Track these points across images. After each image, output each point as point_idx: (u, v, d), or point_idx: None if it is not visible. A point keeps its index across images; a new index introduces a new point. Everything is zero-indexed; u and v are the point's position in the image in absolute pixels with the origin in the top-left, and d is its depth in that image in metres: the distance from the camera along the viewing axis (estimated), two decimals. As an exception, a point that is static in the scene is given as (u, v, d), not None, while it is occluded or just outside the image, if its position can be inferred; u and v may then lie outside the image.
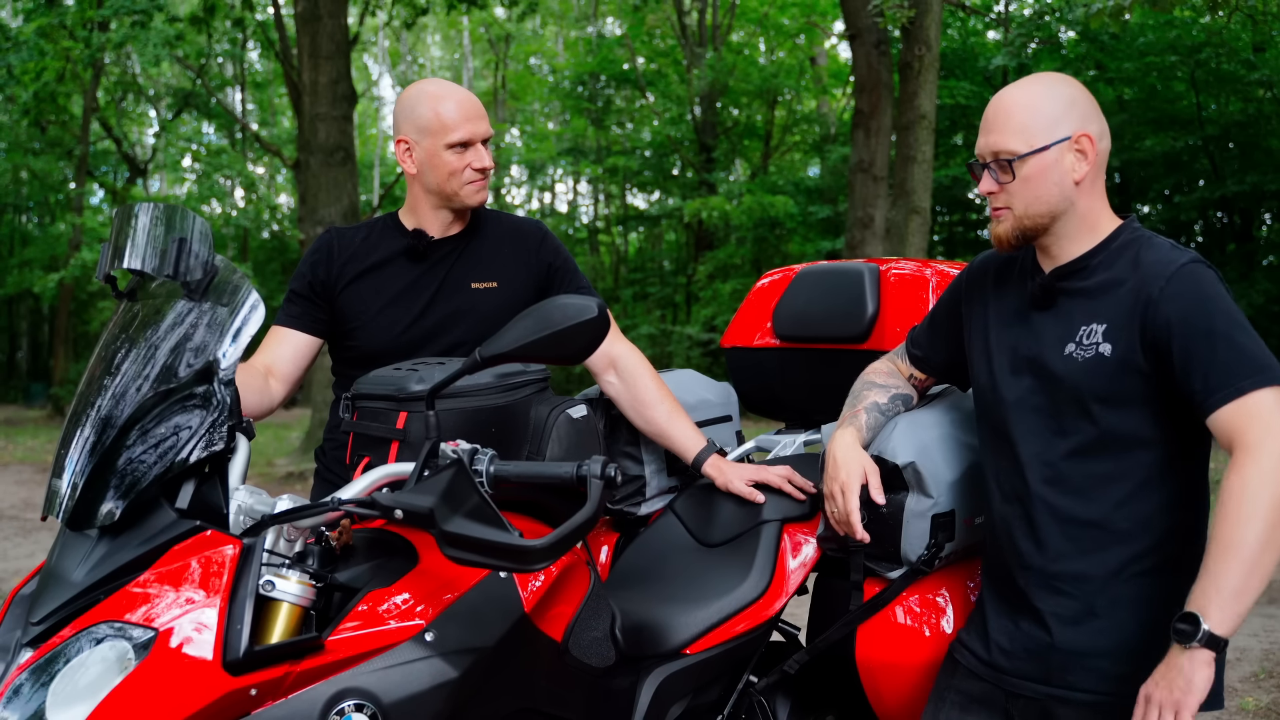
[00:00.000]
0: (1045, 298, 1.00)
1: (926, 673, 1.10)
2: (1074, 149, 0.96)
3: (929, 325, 1.15)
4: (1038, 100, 0.96)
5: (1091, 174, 0.97)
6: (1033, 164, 0.96)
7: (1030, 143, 0.95)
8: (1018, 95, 0.98)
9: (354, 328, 1.25)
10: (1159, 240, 0.97)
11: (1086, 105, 0.97)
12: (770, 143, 13.65)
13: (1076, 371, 0.96)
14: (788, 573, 1.18)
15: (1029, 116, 0.96)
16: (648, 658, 1.09)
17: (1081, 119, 0.96)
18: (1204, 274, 0.93)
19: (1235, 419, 0.87)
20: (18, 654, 0.77)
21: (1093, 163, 0.96)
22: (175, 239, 0.91)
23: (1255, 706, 2.26)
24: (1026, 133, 0.96)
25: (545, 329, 0.87)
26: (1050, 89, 0.97)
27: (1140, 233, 0.99)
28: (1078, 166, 0.96)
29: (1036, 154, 0.95)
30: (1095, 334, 0.95)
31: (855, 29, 5.96)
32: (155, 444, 0.81)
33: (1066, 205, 0.97)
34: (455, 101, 1.22)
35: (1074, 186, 0.96)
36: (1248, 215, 11.11)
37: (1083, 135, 0.95)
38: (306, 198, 6.45)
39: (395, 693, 0.80)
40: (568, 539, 0.78)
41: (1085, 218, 0.98)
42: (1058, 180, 0.96)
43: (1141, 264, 0.95)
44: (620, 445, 1.33)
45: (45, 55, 7.65)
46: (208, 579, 0.77)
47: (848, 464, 1.07)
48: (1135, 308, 0.93)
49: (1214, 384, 0.88)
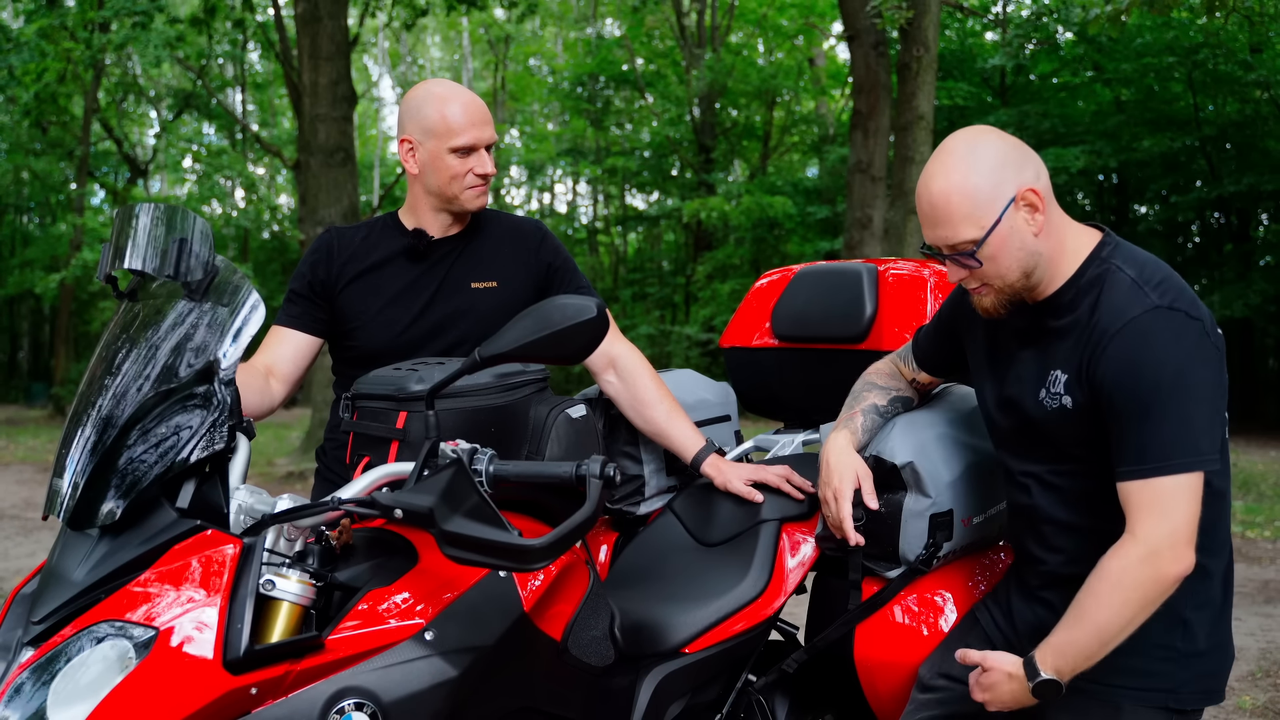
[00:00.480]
0: (1027, 334, 0.99)
1: (925, 672, 1.10)
2: (1024, 206, 0.93)
3: (934, 329, 1.14)
4: (969, 179, 0.93)
5: (1047, 218, 0.94)
6: (992, 243, 0.93)
7: (982, 225, 0.93)
8: (948, 183, 0.94)
9: (354, 327, 1.26)
10: (1121, 278, 0.94)
11: (1011, 155, 0.94)
12: (769, 143, 13.67)
13: (1047, 419, 0.96)
14: (786, 572, 1.18)
15: (969, 202, 0.93)
16: (647, 657, 1.09)
17: (1016, 174, 0.93)
18: (1154, 329, 0.90)
19: (1133, 498, 0.90)
20: (19, 653, 0.78)
21: (1044, 209, 0.94)
22: (176, 239, 0.91)
23: (1252, 705, 2.27)
24: (974, 218, 0.93)
25: (545, 329, 0.88)
26: (974, 161, 0.93)
27: (1108, 264, 0.95)
28: (1033, 220, 0.94)
29: (992, 232, 0.93)
30: (1059, 383, 0.95)
31: (853, 30, 5.97)
32: (156, 444, 0.82)
33: (1036, 259, 0.95)
34: (461, 105, 1.22)
35: (1035, 240, 0.94)
36: (1245, 215, 11.14)
37: (1025, 190, 0.93)
38: (307, 198, 6.46)
39: (395, 691, 0.81)
40: (567, 538, 0.79)
41: (1053, 258, 0.96)
42: (1020, 244, 0.94)
43: (1098, 308, 0.93)
44: (619, 445, 1.33)
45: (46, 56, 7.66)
46: (208, 578, 0.77)
47: (840, 469, 1.07)
48: (1083, 362, 0.92)
49: (1125, 456, 0.90)
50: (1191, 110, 10.06)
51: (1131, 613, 0.89)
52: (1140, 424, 0.89)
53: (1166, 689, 0.95)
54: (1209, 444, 0.89)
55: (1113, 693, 0.95)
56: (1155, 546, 0.88)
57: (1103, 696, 0.95)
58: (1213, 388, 0.90)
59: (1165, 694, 0.95)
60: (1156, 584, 0.88)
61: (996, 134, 0.96)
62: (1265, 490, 5.59)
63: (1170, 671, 0.95)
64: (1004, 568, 1.20)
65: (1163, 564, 0.88)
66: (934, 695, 1.06)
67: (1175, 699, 0.95)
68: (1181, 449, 0.88)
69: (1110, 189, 12.12)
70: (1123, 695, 0.95)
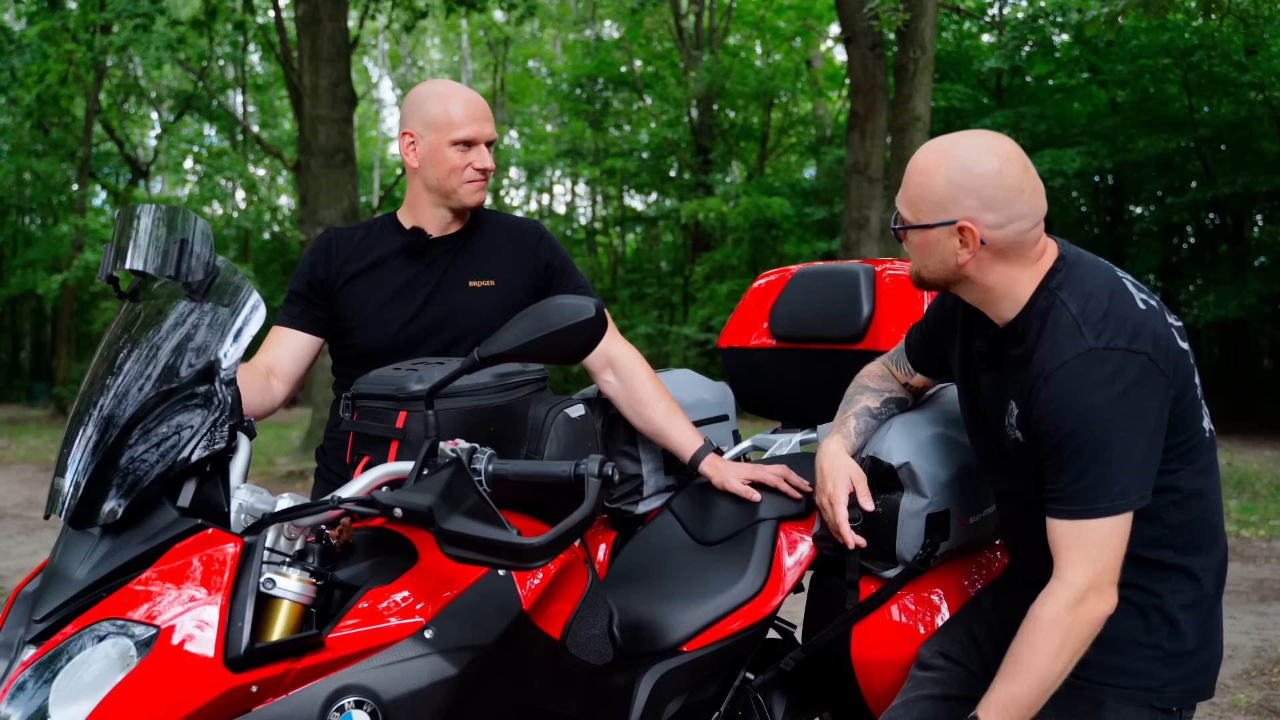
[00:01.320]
0: (990, 360, 0.99)
1: (921, 670, 1.11)
2: (957, 234, 0.92)
3: (924, 330, 1.14)
4: (936, 176, 0.92)
5: (986, 255, 0.92)
6: (917, 236, 0.95)
7: (917, 216, 0.94)
8: (924, 161, 0.93)
9: (352, 326, 1.26)
10: (1062, 315, 0.91)
11: (989, 188, 0.90)
12: (766, 145, 13.69)
13: (1010, 445, 0.97)
14: (784, 571, 1.19)
15: (921, 189, 0.93)
16: (645, 655, 1.09)
17: (974, 205, 0.90)
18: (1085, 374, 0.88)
19: (1060, 539, 0.90)
20: (21, 651, 0.78)
21: (975, 250, 0.92)
22: (177, 240, 0.91)
23: (1247, 703, 2.28)
24: (914, 205, 0.94)
25: (543, 329, 0.88)
26: (956, 165, 0.91)
27: (1054, 297, 0.93)
28: (960, 252, 0.93)
29: (919, 229, 0.94)
30: (1014, 415, 0.95)
31: (851, 32, 6.00)
32: (157, 443, 0.82)
33: (957, 279, 0.96)
34: (463, 101, 1.23)
35: (959, 266, 0.94)
36: (1239, 216, 11.18)
37: (966, 226, 0.91)
38: (307, 199, 6.48)
39: (395, 689, 0.81)
40: (565, 537, 0.79)
41: (994, 289, 0.95)
42: (941, 258, 0.94)
43: (1038, 349, 0.92)
44: (618, 444, 1.34)
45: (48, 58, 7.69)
46: (209, 577, 0.78)
47: (834, 474, 1.08)
48: (1026, 400, 0.93)
49: (1055, 495, 0.91)
50: (1187, 112, 10.10)
51: (1067, 658, 0.90)
52: (1069, 468, 0.89)
53: (1151, 688, 0.95)
54: (1139, 485, 0.89)
55: (1096, 689, 0.95)
56: (1082, 590, 0.89)
57: (1086, 693, 0.96)
58: (1152, 425, 0.89)
59: (1150, 692, 0.95)
60: (1086, 624, 0.90)
61: (1006, 161, 0.92)
62: (1260, 489, 5.60)
63: (1156, 670, 0.95)
64: (1000, 566, 1.21)
65: (1089, 606, 0.89)
66: (932, 674, 1.06)
67: (1159, 697, 0.95)
68: (1110, 492, 0.88)
69: (1106, 190, 12.16)
70: (1106, 692, 0.95)
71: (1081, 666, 0.93)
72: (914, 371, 1.17)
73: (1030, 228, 0.93)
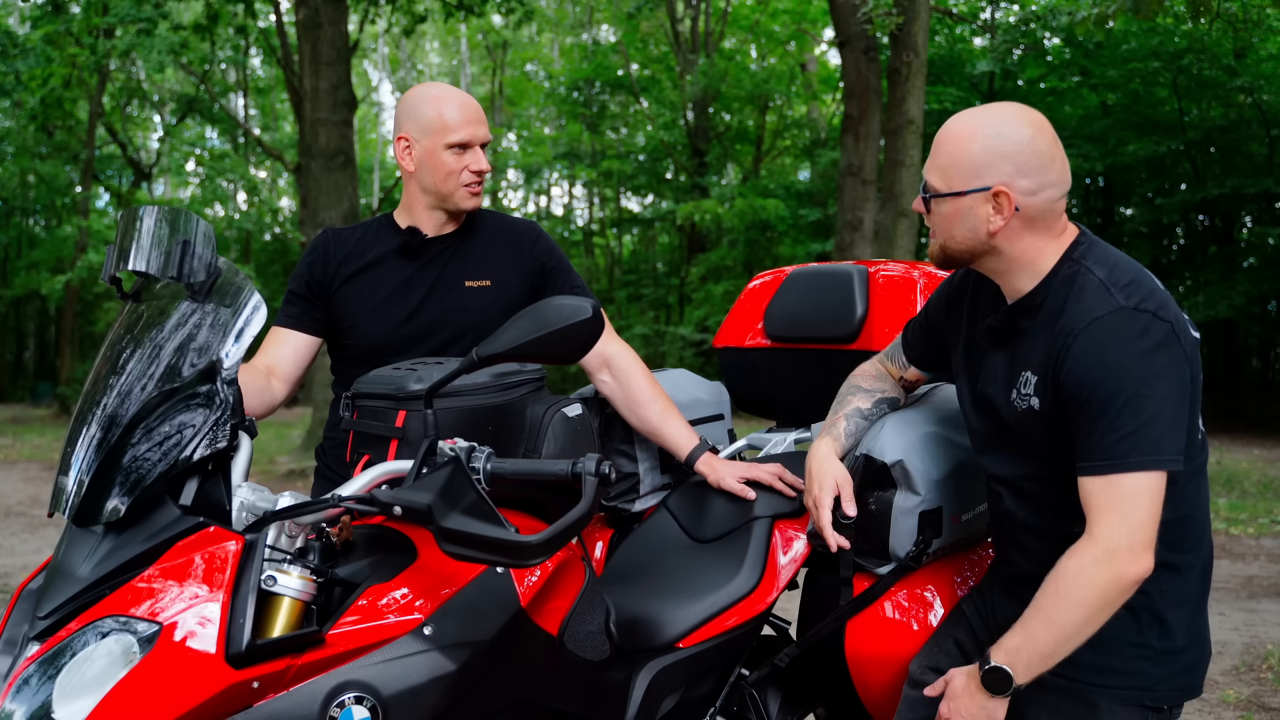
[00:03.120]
0: (1000, 335, 0.99)
1: (914, 666, 1.12)
2: (992, 200, 0.92)
3: (923, 324, 1.15)
4: (971, 142, 0.92)
5: (1017, 224, 0.93)
6: (948, 204, 0.94)
7: (949, 184, 0.94)
8: (957, 129, 0.94)
9: (349, 325, 1.27)
10: (1090, 279, 0.93)
11: (1024, 155, 0.91)
12: (761, 147, 13.74)
13: (1017, 419, 0.97)
14: (778, 568, 1.20)
15: (954, 156, 0.93)
16: (642, 651, 1.10)
17: (1009, 171, 0.91)
18: (1118, 329, 0.89)
19: (1092, 496, 0.89)
20: (25, 647, 0.78)
21: (1009, 216, 0.92)
22: (179, 241, 0.92)
23: (1236, 699, 2.30)
24: (946, 173, 0.94)
25: (541, 329, 0.89)
26: (990, 132, 0.92)
27: (1079, 265, 0.94)
28: (993, 219, 0.93)
29: (951, 197, 0.94)
30: (1029, 384, 0.94)
31: (845, 36, 6.03)
32: (160, 442, 0.83)
33: (984, 249, 0.95)
34: (457, 104, 1.24)
35: (989, 236, 0.94)
36: (1228, 218, 11.28)
37: (1002, 190, 0.91)
38: (307, 201, 6.50)
39: (394, 685, 0.82)
40: (563, 535, 0.80)
41: (1019, 260, 0.95)
42: (971, 227, 0.94)
43: (1065, 312, 0.92)
44: (615, 443, 1.34)
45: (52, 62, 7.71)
46: (211, 574, 0.78)
47: (821, 476, 1.08)
48: (1050, 363, 0.92)
49: (1085, 452, 0.89)
50: (1176, 114, 10.18)
51: (1088, 613, 0.88)
52: (1100, 421, 0.88)
53: (1143, 687, 0.96)
54: (1171, 444, 0.87)
55: (1089, 690, 0.95)
56: (1113, 547, 0.87)
57: (1079, 694, 0.96)
58: (1177, 389, 0.89)
59: (1141, 692, 0.96)
60: (1114, 584, 0.87)
61: (1034, 127, 0.92)
62: (1249, 488, 5.65)
63: (1147, 670, 0.95)
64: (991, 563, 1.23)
65: (1121, 565, 0.87)
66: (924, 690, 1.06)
67: (1151, 697, 0.96)
68: (1142, 447, 0.87)
69: (1097, 192, 12.25)
70: (1098, 693, 0.95)
71: (1073, 668, 0.94)
72: (908, 365, 1.17)
73: (1059, 197, 0.94)
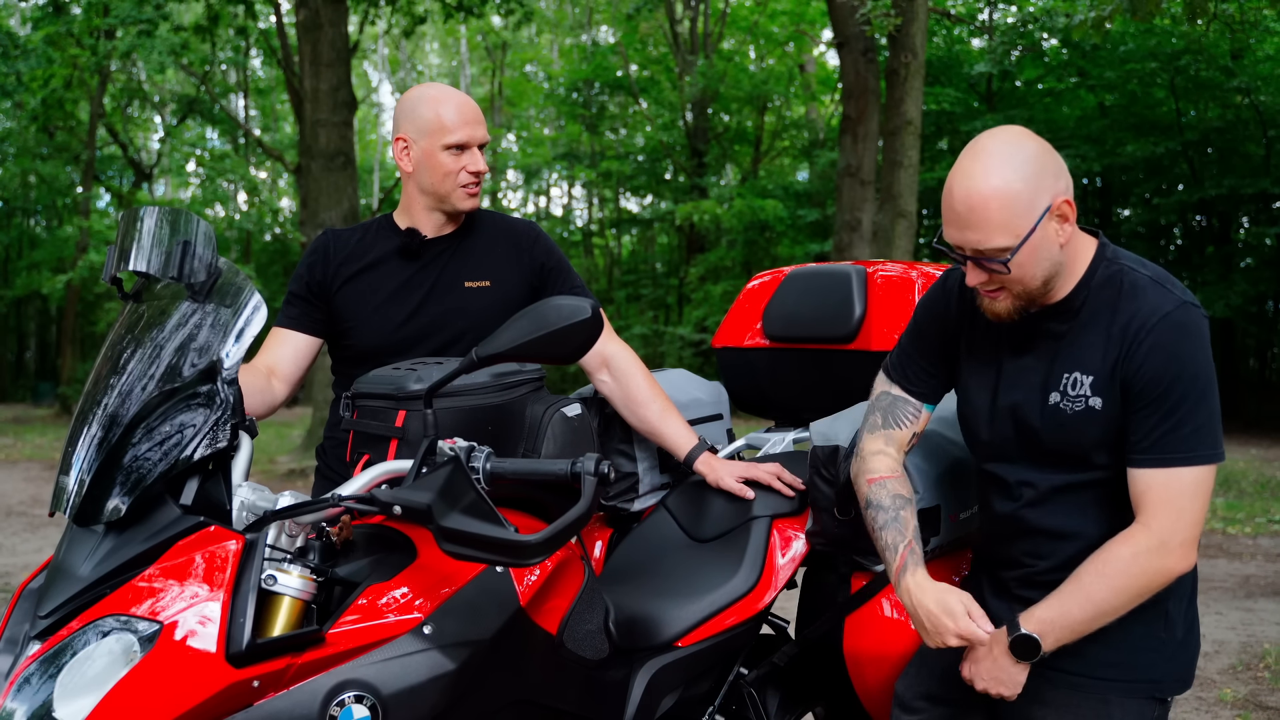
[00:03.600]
0: (1026, 342, 0.98)
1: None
2: (1056, 216, 0.92)
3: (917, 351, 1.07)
4: (1011, 186, 0.90)
5: (1071, 228, 0.93)
6: (1024, 251, 0.91)
7: (1018, 234, 0.90)
8: (988, 187, 0.90)
9: (349, 326, 1.27)
10: (1139, 277, 0.94)
11: (1049, 163, 0.92)
12: (760, 148, 13.75)
13: (1066, 423, 0.95)
14: (777, 567, 1.20)
15: (1007, 210, 0.90)
16: (640, 650, 1.11)
17: (1053, 182, 0.91)
18: (1187, 324, 0.91)
19: (1151, 489, 0.91)
20: (26, 646, 0.78)
21: (1072, 221, 0.93)
22: (180, 242, 0.92)
23: (1233, 698, 2.30)
24: (1010, 226, 0.90)
25: (541, 329, 0.89)
26: (1016, 166, 0.90)
27: (1115, 265, 0.96)
28: (1063, 230, 0.93)
29: (1025, 242, 0.91)
30: (1083, 385, 0.93)
31: (843, 37, 6.04)
32: (160, 442, 0.83)
33: (1058, 268, 0.95)
34: (455, 105, 1.24)
35: (1060, 250, 0.93)
36: (1226, 218, 11.30)
37: (1061, 201, 0.91)
38: (308, 201, 6.51)
39: (394, 684, 0.82)
40: (562, 534, 0.80)
41: (1069, 265, 0.96)
42: (1048, 254, 0.93)
43: (1123, 311, 0.93)
44: (614, 443, 1.35)
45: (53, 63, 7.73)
46: (211, 573, 0.79)
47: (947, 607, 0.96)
48: (1119, 361, 0.92)
49: (1145, 444, 0.91)
50: (1174, 115, 10.20)
51: (1129, 598, 0.91)
52: (1171, 415, 0.90)
53: (1151, 679, 0.97)
54: (1221, 439, 0.92)
55: (1099, 686, 0.96)
56: (1166, 540, 0.90)
57: (1091, 690, 0.97)
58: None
59: (1150, 684, 0.97)
60: (1160, 575, 0.91)
61: (1034, 138, 0.93)
62: (1246, 487, 5.67)
63: (1155, 662, 0.97)
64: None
65: (1170, 559, 0.90)
66: (916, 717, 1.06)
67: (1158, 688, 0.97)
68: (1206, 441, 0.90)
69: (1094, 192, 12.27)
70: (1108, 688, 0.96)
71: (1083, 664, 0.95)
72: (920, 411, 1.08)
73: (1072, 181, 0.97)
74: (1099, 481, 0.97)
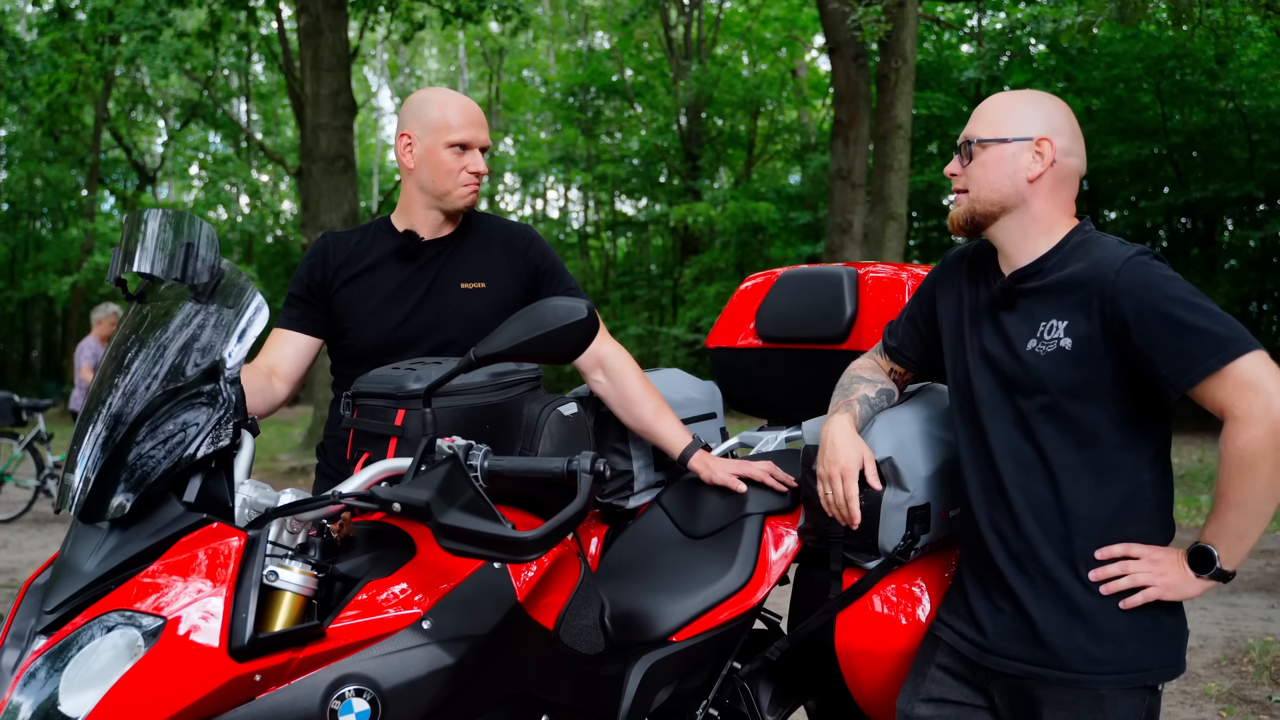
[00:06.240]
0: (1006, 299, 1.03)
1: (903, 659, 1.14)
2: (1033, 149, 1.01)
3: (906, 320, 1.18)
4: (1017, 102, 1.03)
5: (1049, 178, 1.01)
6: (991, 151, 1.02)
7: (995, 131, 1.02)
8: (1004, 95, 1.05)
9: (348, 327, 1.28)
10: (1107, 238, 1.01)
11: (1062, 122, 1.02)
12: (753, 151, 13.82)
13: (1038, 365, 0.99)
14: (770, 563, 1.22)
15: (1001, 112, 1.03)
16: (636, 645, 1.12)
17: (1051, 129, 1.01)
18: (1149, 262, 0.97)
19: (1216, 392, 0.91)
20: (32, 641, 0.79)
21: (1048, 164, 1.00)
22: (183, 244, 0.94)
23: (1218, 692, 2.33)
24: (993, 124, 1.02)
25: (537, 330, 0.91)
26: (1035, 99, 1.03)
27: (1090, 233, 1.02)
28: (1033, 165, 1.01)
29: (996, 143, 1.01)
30: (1056, 329, 0.99)
31: (835, 42, 6.10)
32: (164, 440, 0.84)
33: (1017, 200, 1.02)
34: (460, 107, 1.28)
35: (1026, 184, 1.01)
36: (1210, 221, 11.41)
37: (1044, 139, 1.00)
38: (308, 204, 6.55)
39: (393, 678, 0.83)
40: (558, 531, 0.81)
41: (1040, 220, 1.02)
42: (1010, 172, 1.01)
43: (1093, 259, 0.98)
44: (609, 441, 1.36)
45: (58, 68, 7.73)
46: (214, 569, 0.80)
47: (846, 449, 1.07)
48: (1091, 301, 0.96)
49: (1182, 367, 0.92)
50: (1159, 119, 10.30)
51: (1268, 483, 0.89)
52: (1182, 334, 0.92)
53: (1142, 668, 0.98)
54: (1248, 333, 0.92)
55: (1093, 682, 0.97)
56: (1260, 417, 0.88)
57: (1085, 687, 0.97)
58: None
59: (1141, 673, 0.98)
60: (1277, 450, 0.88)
61: (1069, 112, 1.04)
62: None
63: (1144, 651, 0.98)
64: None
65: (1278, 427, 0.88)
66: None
67: (1150, 676, 0.98)
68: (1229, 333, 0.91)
69: (1081, 195, 12.20)
70: (1102, 683, 0.97)
71: (1078, 660, 0.96)
72: (892, 365, 1.20)
73: (1080, 170, 1.04)
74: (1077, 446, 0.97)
